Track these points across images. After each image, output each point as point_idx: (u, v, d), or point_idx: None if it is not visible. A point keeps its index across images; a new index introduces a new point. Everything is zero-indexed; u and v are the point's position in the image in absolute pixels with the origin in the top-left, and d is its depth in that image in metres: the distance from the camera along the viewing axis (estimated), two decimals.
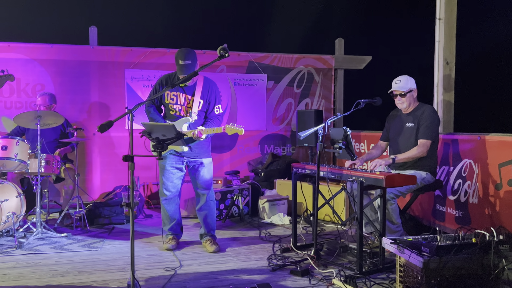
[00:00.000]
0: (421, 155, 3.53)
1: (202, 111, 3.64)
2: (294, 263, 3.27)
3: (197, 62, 3.50)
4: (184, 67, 3.41)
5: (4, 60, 5.25)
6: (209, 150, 3.77)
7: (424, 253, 2.50)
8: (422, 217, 4.36)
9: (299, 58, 6.25)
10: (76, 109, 5.55)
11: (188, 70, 3.41)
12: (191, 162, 3.67)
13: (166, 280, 2.95)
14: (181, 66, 3.42)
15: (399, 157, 3.53)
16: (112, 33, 6.60)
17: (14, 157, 3.88)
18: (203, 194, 3.72)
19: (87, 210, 4.56)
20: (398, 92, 3.67)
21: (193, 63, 3.43)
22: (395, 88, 3.67)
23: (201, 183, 3.70)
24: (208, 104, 3.65)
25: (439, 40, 4.52)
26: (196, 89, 3.60)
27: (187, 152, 3.60)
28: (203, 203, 3.74)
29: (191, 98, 3.59)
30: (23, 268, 3.22)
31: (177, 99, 3.60)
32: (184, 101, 3.60)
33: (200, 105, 3.60)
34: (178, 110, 3.60)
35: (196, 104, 3.58)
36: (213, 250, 3.62)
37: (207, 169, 3.72)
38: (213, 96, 3.65)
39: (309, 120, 5.46)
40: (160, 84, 3.65)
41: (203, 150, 3.69)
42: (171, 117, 3.63)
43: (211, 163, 3.77)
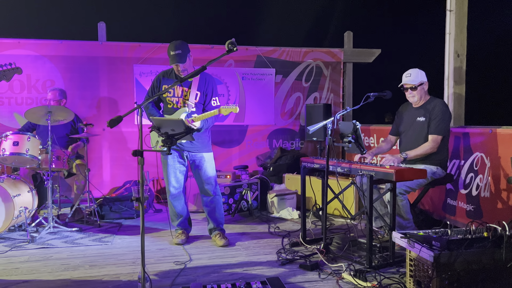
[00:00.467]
0: (431, 151, 3.49)
1: (199, 103, 3.64)
2: (303, 257, 3.27)
3: (189, 53, 3.56)
4: (176, 56, 3.47)
5: (15, 57, 5.29)
6: (209, 145, 3.76)
7: (435, 247, 2.48)
8: (432, 211, 4.33)
9: (308, 51, 6.22)
10: (86, 105, 5.59)
11: (180, 59, 3.47)
12: (192, 155, 3.67)
13: (176, 274, 2.97)
14: (173, 56, 3.49)
15: (410, 154, 3.49)
16: (121, 28, 6.62)
17: (26, 153, 3.93)
18: (208, 189, 3.72)
19: (98, 205, 4.60)
20: (408, 85, 3.62)
21: (183, 52, 3.49)
22: (406, 82, 3.63)
23: (205, 178, 3.70)
24: (205, 96, 3.66)
25: (449, 32, 4.46)
26: (192, 81, 3.61)
27: (187, 145, 3.61)
28: (209, 198, 3.74)
29: (188, 90, 3.61)
30: (36, 262, 3.26)
31: (174, 92, 3.63)
32: (181, 93, 3.62)
33: (197, 97, 3.61)
34: (175, 102, 3.62)
35: (192, 96, 3.59)
36: (223, 244, 3.64)
37: (210, 164, 3.71)
38: (210, 88, 3.67)
39: (317, 114, 5.43)
40: (157, 80, 3.69)
41: (204, 144, 3.68)
42: (169, 110, 3.64)
43: (212, 158, 3.76)
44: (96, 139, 5.58)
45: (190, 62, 3.58)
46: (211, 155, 3.76)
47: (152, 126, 2.99)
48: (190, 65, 3.61)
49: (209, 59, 2.83)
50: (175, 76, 3.65)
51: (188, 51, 3.54)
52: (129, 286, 2.77)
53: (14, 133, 3.97)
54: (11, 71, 2.90)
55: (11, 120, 5.40)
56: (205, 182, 3.71)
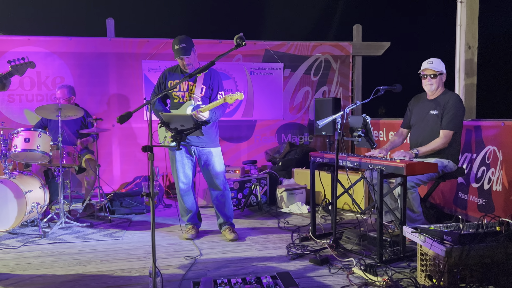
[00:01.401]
0: (443, 146, 3.45)
1: (205, 97, 3.64)
2: (313, 251, 3.26)
3: (193, 46, 3.57)
4: (181, 50, 3.49)
5: (25, 54, 5.30)
6: (217, 139, 3.75)
7: (447, 242, 2.46)
8: (443, 205, 4.29)
9: (316, 45, 6.17)
10: (95, 101, 5.62)
11: (184, 52, 3.49)
12: (199, 150, 3.67)
13: (186, 269, 2.99)
14: (177, 49, 3.50)
15: (422, 149, 3.44)
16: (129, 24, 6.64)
17: (37, 149, 3.97)
18: (217, 184, 3.72)
19: (108, 200, 4.64)
20: (429, 72, 3.55)
21: (188, 46, 3.51)
22: (428, 67, 3.55)
23: (214, 173, 3.70)
24: (211, 90, 3.66)
25: (460, 23, 4.39)
26: (197, 76, 3.61)
27: (194, 140, 3.61)
28: (218, 193, 3.74)
29: (193, 84, 3.62)
30: (48, 256, 3.30)
31: (180, 87, 3.63)
32: (187, 87, 3.63)
33: (203, 91, 3.62)
34: (181, 96, 3.63)
35: (198, 90, 3.60)
36: (232, 238, 3.65)
37: (218, 159, 3.71)
38: (216, 83, 3.67)
39: (326, 108, 5.41)
40: (163, 77, 3.70)
41: (211, 139, 3.68)
42: (175, 105, 3.64)
43: (220, 152, 3.76)
44: (105, 135, 5.61)
45: (194, 56, 3.59)
46: (219, 150, 3.75)
47: (161, 122, 2.99)
48: (195, 59, 3.61)
49: (217, 54, 2.83)
50: (181, 71, 3.66)
51: (192, 45, 3.56)
52: (140, 280, 2.79)
53: (25, 130, 4.01)
54: (24, 66, 2.93)
55: (22, 117, 5.45)
56: (214, 177, 3.70)
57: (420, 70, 3.60)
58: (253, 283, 2.50)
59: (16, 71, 2.91)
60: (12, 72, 2.89)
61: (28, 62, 2.97)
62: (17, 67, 2.92)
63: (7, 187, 3.82)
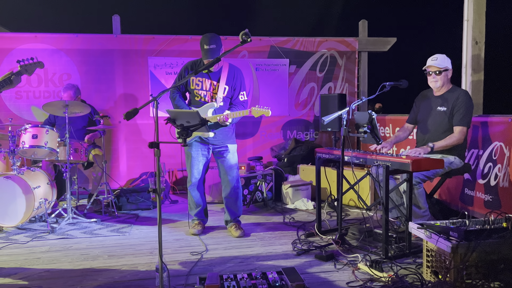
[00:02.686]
0: (458, 142, 3.43)
1: (227, 97, 3.64)
2: (318, 247, 3.27)
3: (222, 47, 3.51)
4: (209, 52, 3.42)
5: (32, 51, 5.37)
6: (233, 137, 3.77)
7: (453, 238, 2.46)
8: (449, 202, 4.28)
9: (322, 41, 6.16)
10: (101, 98, 5.66)
11: (213, 54, 3.41)
12: (215, 147, 3.70)
13: (193, 264, 3.01)
14: (206, 50, 3.43)
15: (437, 144, 3.42)
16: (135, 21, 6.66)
17: (44, 145, 4.00)
18: (230, 181, 3.74)
19: (115, 196, 4.68)
20: (433, 68, 3.54)
21: (217, 47, 3.45)
22: (432, 64, 3.54)
23: (227, 169, 3.72)
24: (233, 91, 3.65)
25: (467, 19, 4.36)
26: (221, 75, 3.60)
27: (212, 138, 3.62)
28: (230, 190, 3.76)
29: (217, 84, 3.60)
30: (56, 252, 3.34)
31: (203, 85, 3.61)
32: (210, 86, 3.60)
33: (226, 91, 3.61)
34: (203, 95, 3.61)
35: (221, 90, 3.58)
36: (238, 235, 3.67)
37: (233, 156, 3.73)
38: (239, 83, 3.65)
39: (332, 104, 5.40)
40: (185, 70, 3.66)
41: (228, 136, 3.70)
42: (196, 103, 3.64)
43: (235, 150, 3.78)
44: (112, 131, 5.65)
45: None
46: (235, 147, 3.77)
47: (168, 118, 3.01)
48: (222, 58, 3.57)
49: (223, 51, 2.83)
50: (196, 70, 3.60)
51: (221, 45, 3.49)
52: (147, 275, 2.82)
53: (33, 126, 4.05)
54: (32, 66, 2.96)
55: (29, 114, 5.50)
56: (227, 173, 3.73)
57: (425, 66, 3.59)
58: (259, 279, 2.51)
59: (25, 71, 2.94)
60: (21, 71, 2.92)
61: (37, 62, 3.00)
62: (26, 66, 2.95)
63: (15, 183, 3.87)
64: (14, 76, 2.86)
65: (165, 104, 3.77)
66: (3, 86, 2.83)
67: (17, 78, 2.88)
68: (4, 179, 3.85)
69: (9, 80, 2.84)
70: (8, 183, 3.86)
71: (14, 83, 2.87)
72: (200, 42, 3.49)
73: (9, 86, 2.86)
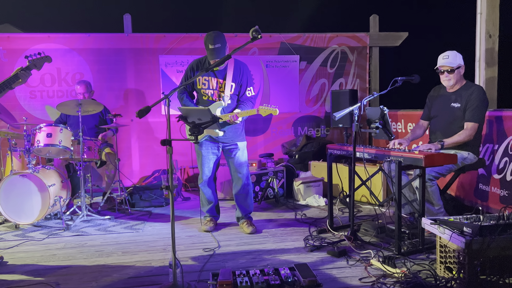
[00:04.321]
0: (468, 139, 3.39)
1: (234, 94, 3.63)
2: (331, 244, 3.27)
3: (226, 45, 3.47)
4: (215, 51, 3.38)
5: (45, 51, 5.39)
6: (243, 134, 3.78)
7: (467, 234, 2.43)
8: (463, 197, 4.23)
9: (332, 37, 6.12)
10: (113, 96, 5.72)
11: (218, 54, 3.38)
12: (226, 145, 3.71)
13: (205, 260, 3.04)
14: (211, 50, 3.39)
15: (448, 141, 3.38)
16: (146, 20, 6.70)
17: (59, 144, 4.06)
18: (240, 178, 3.75)
19: (128, 194, 4.73)
20: (445, 67, 3.50)
21: (223, 46, 3.40)
22: (443, 64, 3.50)
23: (237, 166, 3.74)
24: (240, 87, 3.63)
25: (481, 11, 4.30)
26: (227, 72, 3.57)
27: (221, 137, 3.63)
28: (240, 187, 3.77)
29: (223, 81, 3.58)
30: (71, 248, 3.40)
31: (209, 84, 3.60)
32: (216, 85, 3.59)
33: (232, 89, 3.59)
34: (211, 94, 3.61)
35: (228, 88, 3.56)
36: (250, 231, 3.68)
37: (242, 153, 3.74)
38: (245, 79, 3.62)
39: (343, 100, 5.37)
40: (191, 69, 3.64)
41: (237, 134, 3.71)
42: (204, 102, 3.64)
43: (245, 147, 3.79)
44: (124, 129, 5.70)
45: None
46: (245, 144, 3.78)
47: (180, 116, 3.03)
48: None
49: (233, 48, 2.83)
50: (209, 64, 3.57)
51: (226, 43, 3.44)
52: (161, 272, 2.85)
53: (47, 125, 4.11)
54: (40, 60, 3.03)
55: (43, 113, 5.58)
56: (237, 170, 3.74)
57: (437, 66, 3.55)
58: (272, 274, 2.53)
59: (34, 66, 3.00)
60: (30, 66, 2.98)
61: (45, 57, 3.07)
62: (35, 61, 3.01)
63: (31, 181, 3.94)
64: (22, 71, 2.91)
65: (176, 102, 3.80)
66: (13, 82, 2.87)
67: (26, 73, 2.92)
68: (20, 177, 3.92)
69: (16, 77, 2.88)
70: (24, 181, 3.93)
71: (23, 78, 2.90)
72: (204, 42, 3.44)
73: (18, 82, 2.90)
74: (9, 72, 5.45)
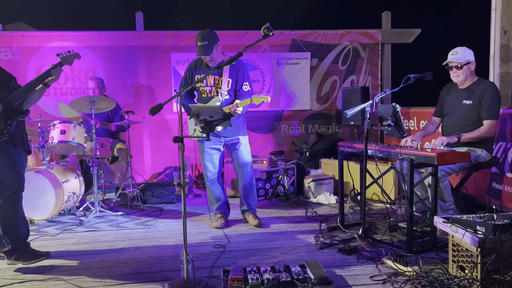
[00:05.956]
0: (488, 135, 3.35)
1: (231, 90, 3.69)
2: (341, 241, 3.26)
3: (217, 43, 3.55)
4: (201, 48, 3.49)
5: (59, 48, 5.50)
6: (244, 129, 3.83)
7: (480, 232, 2.41)
8: (476, 196, 4.19)
9: (344, 34, 6.08)
10: (126, 93, 5.77)
11: (205, 51, 3.49)
12: (228, 140, 3.76)
13: (216, 256, 3.06)
14: (199, 47, 3.51)
15: (465, 136, 3.35)
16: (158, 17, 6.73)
17: (72, 141, 4.12)
18: (243, 172, 3.82)
19: (140, 190, 4.77)
20: (454, 63, 3.47)
21: (210, 43, 3.49)
22: (451, 60, 3.47)
23: (241, 161, 3.80)
24: (236, 82, 3.70)
25: (495, 7, 4.23)
26: (223, 69, 3.64)
27: (222, 131, 3.69)
28: (244, 181, 3.85)
29: (219, 78, 3.66)
30: (85, 244, 3.45)
31: (206, 81, 3.68)
32: (213, 82, 3.67)
33: (229, 84, 3.66)
34: (209, 91, 3.69)
35: (225, 83, 3.64)
36: (257, 224, 3.79)
37: (245, 147, 3.81)
38: (241, 74, 3.69)
39: (355, 97, 5.34)
40: (189, 70, 3.75)
41: (239, 128, 3.75)
42: (203, 99, 3.72)
43: (248, 141, 3.85)
44: (136, 126, 5.75)
45: (217, 52, 3.58)
46: (247, 139, 3.84)
47: (191, 113, 3.06)
48: (218, 54, 3.61)
49: (244, 45, 2.84)
50: (206, 65, 3.69)
51: (215, 40, 3.53)
52: (172, 267, 2.88)
53: (61, 122, 4.17)
54: (71, 57, 3.21)
55: (56, 110, 5.66)
56: (241, 165, 3.81)
57: (445, 62, 3.51)
58: (282, 271, 2.53)
59: (65, 61, 3.15)
60: (62, 62, 3.13)
61: (74, 54, 3.25)
62: (66, 58, 3.18)
63: (45, 178, 4.00)
64: (55, 68, 3.04)
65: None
66: (46, 79, 3.00)
67: (58, 70, 3.06)
68: (34, 173, 3.99)
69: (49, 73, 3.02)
70: (38, 177, 3.99)
71: (56, 75, 3.04)
72: (195, 39, 3.56)
73: (52, 79, 3.04)
74: (23, 69, 5.55)
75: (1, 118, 2.86)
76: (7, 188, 2.84)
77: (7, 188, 2.84)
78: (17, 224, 2.88)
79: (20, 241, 2.91)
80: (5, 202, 2.83)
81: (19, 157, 2.99)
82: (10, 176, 2.85)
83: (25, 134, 3.10)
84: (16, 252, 2.89)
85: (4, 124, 2.87)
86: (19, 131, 3.00)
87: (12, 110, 2.92)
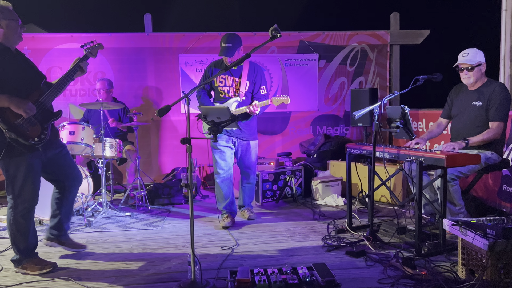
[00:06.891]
0: (494, 138, 3.31)
1: (248, 92, 3.84)
2: (349, 244, 3.24)
3: (240, 47, 3.71)
4: (224, 49, 3.64)
5: (68, 50, 5.58)
6: (256, 132, 4.00)
7: (490, 236, 2.38)
8: (486, 198, 4.14)
9: (352, 35, 6.06)
10: (134, 95, 5.80)
11: (227, 52, 3.64)
12: (239, 142, 3.91)
13: (224, 258, 3.05)
14: (222, 48, 3.66)
15: (473, 139, 3.32)
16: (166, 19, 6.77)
17: (81, 141, 4.15)
18: (247, 173, 4.02)
19: (148, 191, 4.79)
20: (465, 65, 3.44)
21: (233, 46, 3.65)
22: (462, 61, 3.44)
23: (248, 163, 3.97)
24: (254, 85, 3.85)
25: (506, 8, 4.19)
26: (242, 71, 3.80)
27: (237, 132, 3.82)
28: (247, 181, 4.05)
29: (238, 80, 3.80)
30: (93, 244, 3.46)
31: (226, 82, 3.82)
32: (232, 83, 3.82)
33: (247, 86, 3.81)
34: (227, 91, 3.82)
35: (243, 85, 3.79)
36: (249, 217, 4.06)
37: (253, 151, 3.97)
38: (259, 78, 3.85)
39: (363, 99, 5.31)
40: (209, 70, 3.88)
41: (252, 132, 3.93)
42: (221, 99, 3.85)
43: (256, 145, 4.02)
44: (144, 128, 5.78)
45: (238, 55, 3.71)
46: (256, 143, 4.01)
47: (199, 115, 3.09)
48: (239, 57, 3.67)
49: (252, 47, 2.83)
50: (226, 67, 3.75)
51: (239, 45, 3.70)
52: (180, 268, 2.88)
53: (70, 123, 4.21)
54: (95, 48, 3.13)
55: (66, 111, 5.70)
56: (247, 167, 3.99)
57: (456, 63, 3.48)
58: (290, 274, 2.53)
59: (90, 53, 3.10)
60: (87, 55, 3.08)
61: (98, 44, 3.16)
62: (90, 49, 3.11)
63: None
64: (83, 62, 3.00)
65: (196, 101, 3.87)
66: (74, 73, 2.97)
67: (84, 63, 3.02)
68: None
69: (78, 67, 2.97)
70: None
71: (84, 67, 3.00)
72: (221, 39, 3.70)
73: (80, 72, 3.00)
74: None
75: (37, 122, 2.75)
76: (22, 200, 2.79)
77: (22, 200, 2.79)
78: (27, 235, 2.87)
79: (28, 252, 2.90)
80: (19, 213, 2.80)
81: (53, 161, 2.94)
82: (27, 190, 2.79)
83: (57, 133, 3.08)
84: (24, 261, 2.89)
85: (40, 129, 2.76)
86: (54, 133, 2.97)
87: (46, 113, 2.82)
